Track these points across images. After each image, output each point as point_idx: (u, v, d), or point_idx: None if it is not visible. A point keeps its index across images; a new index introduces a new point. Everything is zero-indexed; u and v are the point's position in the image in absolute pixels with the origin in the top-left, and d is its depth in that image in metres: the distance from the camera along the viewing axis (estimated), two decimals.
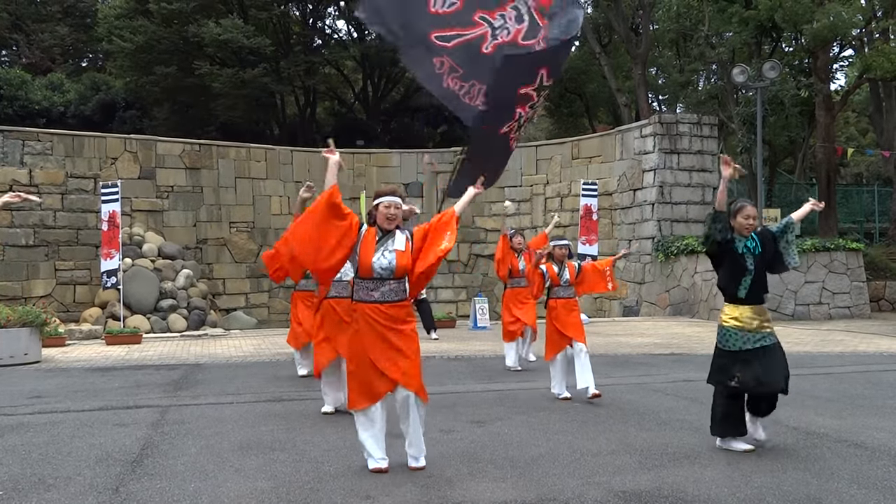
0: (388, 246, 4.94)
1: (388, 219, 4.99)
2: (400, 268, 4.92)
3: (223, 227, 21.00)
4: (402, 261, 4.93)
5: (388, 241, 4.97)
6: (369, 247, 4.92)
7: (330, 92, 31.48)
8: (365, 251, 4.92)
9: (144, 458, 5.49)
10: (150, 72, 25.47)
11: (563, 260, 7.95)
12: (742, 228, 5.55)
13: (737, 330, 5.49)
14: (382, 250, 4.92)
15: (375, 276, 4.90)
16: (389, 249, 4.93)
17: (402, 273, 4.96)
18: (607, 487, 4.66)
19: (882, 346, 12.35)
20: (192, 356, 11.79)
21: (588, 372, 7.49)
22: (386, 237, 4.98)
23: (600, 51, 27.94)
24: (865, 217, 26.52)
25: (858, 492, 4.56)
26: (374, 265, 4.88)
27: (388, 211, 4.98)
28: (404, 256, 4.94)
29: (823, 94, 22.13)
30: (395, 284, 4.95)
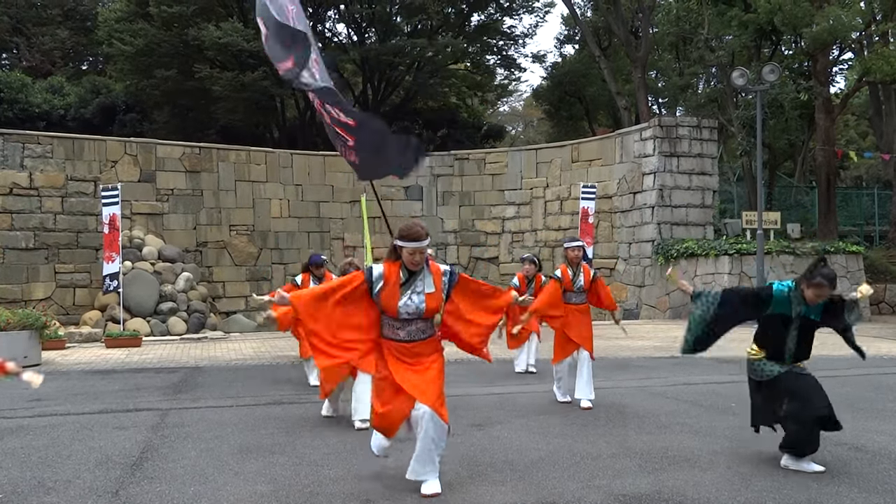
0: (416, 287, 4.65)
1: (414, 263, 4.65)
2: (430, 310, 4.66)
3: (223, 230, 21.00)
4: (432, 303, 4.66)
5: (416, 282, 4.66)
6: (393, 290, 4.62)
7: None
8: (389, 295, 4.62)
9: (144, 461, 5.48)
10: (150, 75, 25.48)
11: (579, 262, 7.72)
12: (809, 300, 5.03)
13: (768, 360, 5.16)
14: (410, 293, 4.63)
15: (402, 317, 4.65)
16: (418, 292, 4.64)
17: (432, 315, 4.71)
18: (607, 491, 4.65)
19: (882, 349, 12.35)
20: (191, 359, 11.79)
21: (587, 383, 7.43)
22: (413, 278, 4.66)
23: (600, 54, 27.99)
24: (865, 220, 26.52)
25: (859, 495, 4.55)
26: (400, 309, 4.61)
27: (414, 258, 4.62)
28: (434, 299, 4.66)
29: (823, 97, 22.16)
30: (422, 324, 4.71)
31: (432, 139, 30.82)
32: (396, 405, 4.67)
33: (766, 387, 5.22)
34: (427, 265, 4.74)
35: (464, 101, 34.34)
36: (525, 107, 49.86)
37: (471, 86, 32.88)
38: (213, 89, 24.54)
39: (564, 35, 36.85)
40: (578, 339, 7.56)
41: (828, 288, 4.93)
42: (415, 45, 26.96)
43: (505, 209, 23.13)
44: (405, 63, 28.33)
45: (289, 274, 21.74)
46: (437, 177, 23.55)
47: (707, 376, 9.57)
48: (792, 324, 5.05)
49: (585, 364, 7.47)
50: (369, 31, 29.97)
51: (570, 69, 33.51)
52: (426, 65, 28.57)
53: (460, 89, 32.70)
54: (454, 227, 23.30)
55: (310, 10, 28.80)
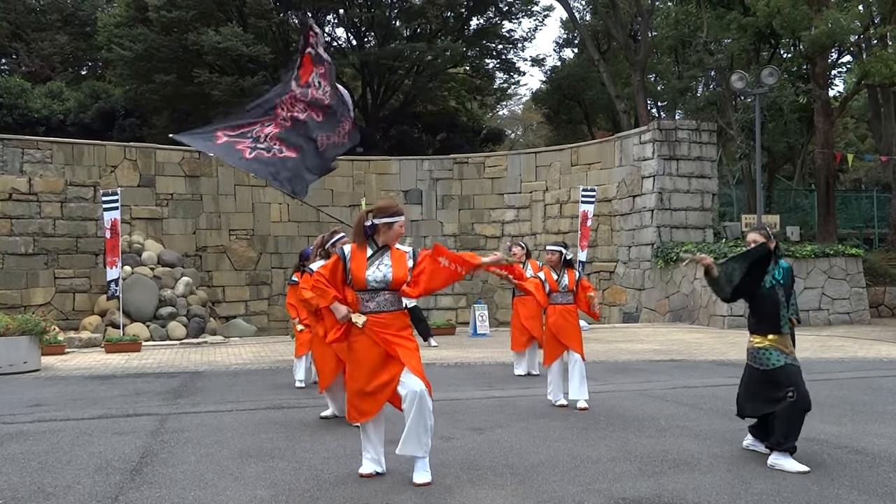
0: (384, 260, 5.01)
1: (398, 236, 5.09)
2: (396, 280, 4.97)
3: (223, 234, 21.01)
4: (399, 273, 4.98)
5: (384, 255, 5.03)
6: (361, 262, 4.99)
7: None
8: (357, 267, 4.99)
9: (144, 466, 5.48)
10: (149, 80, 25.52)
11: (559, 265, 7.80)
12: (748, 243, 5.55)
13: (774, 349, 5.37)
14: (378, 264, 4.99)
15: (370, 287, 4.97)
16: (385, 263, 5.00)
17: (398, 285, 5.01)
18: (607, 494, 4.65)
19: (882, 351, 12.35)
20: (191, 364, 11.78)
21: (579, 383, 7.44)
22: (381, 252, 5.04)
23: (599, 58, 28.04)
24: (864, 223, 26.56)
25: (859, 498, 4.55)
26: (367, 278, 4.95)
27: (400, 231, 5.08)
28: (399, 269, 4.99)
29: (822, 100, 22.18)
30: (389, 295, 5.00)
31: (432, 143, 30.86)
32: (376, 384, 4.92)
33: (765, 376, 5.38)
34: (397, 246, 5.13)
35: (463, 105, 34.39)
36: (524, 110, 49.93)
37: (470, 89, 32.95)
38: (213, 94, 24.57)
39: (563, 39, 36.94)
40: (567, 341, 7.59)
41: (760, 233, 5.50)
42: (414, 49, 27.01)
43: (504, 213, 23.15)
44: (404, 67, 28.38)
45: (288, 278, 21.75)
46: (436, 181, 23.57)
47: (707, 379, 9.58)
48: (777, 290, 5.45)
49: (577, 366, 7.48)
50: (368, 35, 30.03)
51: (569, 73, 33.57)
52: (425, 69, 28.62)
53: (459, 93, 32.76)
54: (453, 231, 23.31)
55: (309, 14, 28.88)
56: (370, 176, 23.21)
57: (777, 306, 5.43)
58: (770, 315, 5.44)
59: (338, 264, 5.06)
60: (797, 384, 5.26)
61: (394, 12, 28.69)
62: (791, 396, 5.22)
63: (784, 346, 5.40)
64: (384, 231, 5.03)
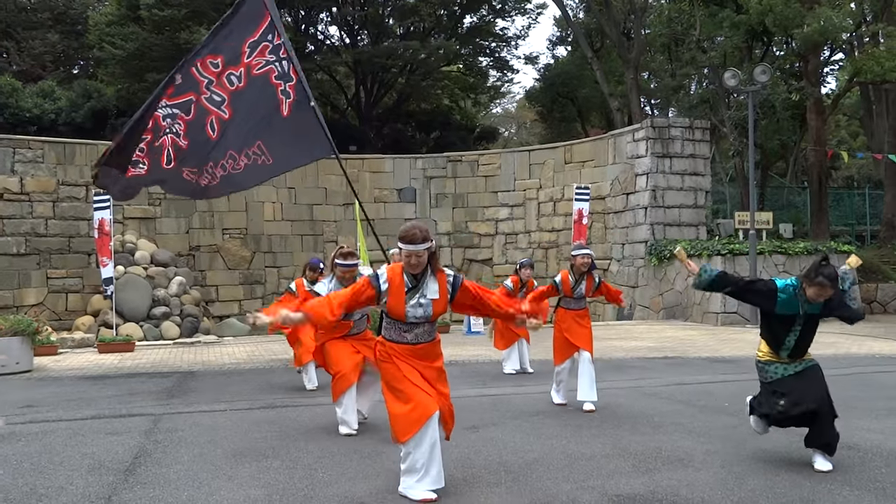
0: (423, 292, 4.65)
1: (410, 266, 4.63)
2: (436, 314, 4.70)
3: (216, 233, 20.97)
4: (438, 308, 4.69)
5: (422, 286, 4.65)
6: (399, 294, 4.62)
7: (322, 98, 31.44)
8: (395, 300, 4.62)
9: (137, 466, 5.47)
10: (141, 79, 25.42)
11: (584, 271, 7.58)
12: (811, 298, 5.07)
13: (773, 362, 5.25)
14: (418, 297, 4.64)
15: (409, 321, 4.65)
16: (424, 296, 4.65)
17: (437, 318, 4.75)
18: (601, 491, 4.66)
19: (874, 347, 12.40)
20: (185, 364, 11.75)
21: (590, 384, 7.38)
22: (419, 283, 4.65)
23: (592, 55, 28.04)
24: (857, 220, 26.65)
25: (851, 493, 4.57)
26: (408, 314, 4.63)
27: (410, 260, 4.59)
28: (439, 304, 4.68)
29: (814, 97, 22.25)
30: (428, 326, 4.72)
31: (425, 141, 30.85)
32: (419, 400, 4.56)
33: (770, 386, 5.27)
34: (432, 271, 4.70)
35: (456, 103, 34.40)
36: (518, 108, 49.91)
37: (463, 88, 32.94)
38: None
39: (557, 37, 36.97)
40: (578, 341, 7.52)
41: (829, 288, 4.95)
42: (407, 47, 26.99)
43: (498, 211, 23.16)
44: (398, 65, 28.36)
45: (283, 277, 21.74)
46: (430, 179, 23.57)
47: (700, 376, 9.60)
48: (796, 322, 5.12)
49: (587, 365, 7.44)
50: (362, 33, 30.00)
51: (562, 71, 33.59)
52: (419, 67, 28.60)
53: (453, 91, 32.75)
54: (447, 229, 23.31)
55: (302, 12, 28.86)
56: (364, 174, 23.19)
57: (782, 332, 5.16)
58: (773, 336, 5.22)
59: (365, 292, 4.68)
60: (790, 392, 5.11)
61: (387, 10, 28.66)
62: (781, 408, 5.10)
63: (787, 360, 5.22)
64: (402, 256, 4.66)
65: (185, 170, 9.28)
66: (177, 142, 9.25)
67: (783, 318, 5.12)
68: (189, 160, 9.26)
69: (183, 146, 9.25)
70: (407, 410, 4.54)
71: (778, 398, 5.16)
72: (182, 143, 9.24)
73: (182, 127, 9.18)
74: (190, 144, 9.27)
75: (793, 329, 5.14)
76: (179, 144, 9.26)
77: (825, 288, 4.95)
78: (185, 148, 9.25)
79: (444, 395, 4.71)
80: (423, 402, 4.54)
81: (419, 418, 4.50)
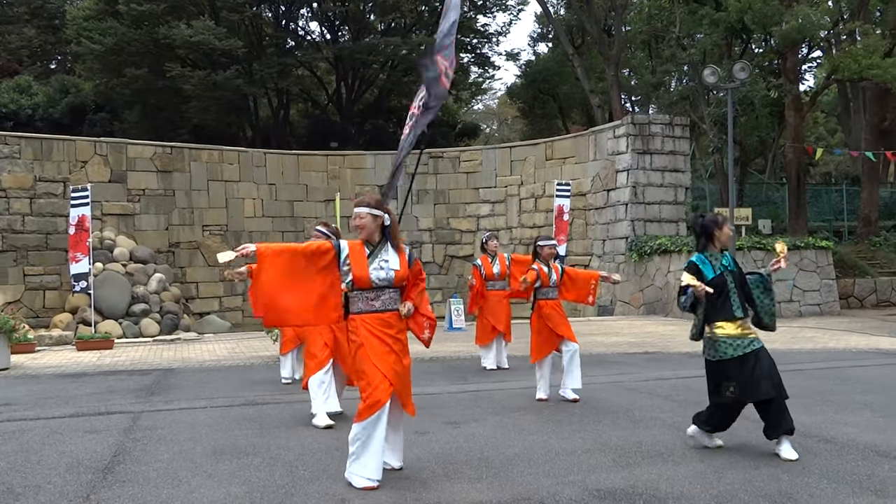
0: (382, 257, 4.86)
1: (357, 227, 4.92)
2: (398, 278, 4.86)
3: (196, 230, 20.83)
4: (401, 272, 4.87)
5: (380, 252, 4.87)
6: (361, 259, 4.82)
7: (303, 94, 31.36)
8: (359, 265, 4.81)
9: (116, 464, 5.42)
10: (120, 74, 25.19)
11: (550, 260, 7.80)
12: (728, 240, 5.63)
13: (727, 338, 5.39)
14: (378, 261, 4.84)
15: (374, 284, 4.82)
16: (385, 260, 4.86)
17: (399, 283, 4.90)
18: (582, 486, 4.68)
19: (851, 342, 12.54)
20: (164, 361, 11.68)
21: (578, 372, 7.55)
22: (377, 249, 4.87)
23: (573, 52, 28.11)
24: (834, 216, 26.93)
25: (828, 486, 4.62)
26: (371, 275, 4.80)
27: (353, 222, 4.92)
28: (401, 272, 4.87)
29: (793, 94, 22.44)
30: (393, 293, 4.89)
31: None
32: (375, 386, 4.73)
33: (718, 367, 5.42)
34: (392, 245, 4.92)
35: None
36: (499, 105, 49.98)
37: None
38: (185, 88, 24.32)
39: (538, 33, 37.04)
40: (563, 331, 7.57)
41: (715, 225, 5.53)
42: (388, 43, 26.91)
43: (479, 207, 23.17)
44: (379, 61, 28.29)
45: None
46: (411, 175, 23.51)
47: (680, 371, 9.67)
48: (726, 280, 5.46)
49: (575, 354, 7.56)
50: (342, 29, 29.87)
51: (543, 67, 33.66)
52: (400, 63, 28.54)
53: None
54: (429, 226, 23.30)
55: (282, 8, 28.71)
56: (345, 171, 23.12)
57: (723, 295, 5.44)
58: (721, 303, 5.46)
59: (323, 245, 4.88)
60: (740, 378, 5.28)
61: (368, 6, 28.55)
62: (730, 394, 5.31)
63: (736, 332, 5.41)
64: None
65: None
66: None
67: (715, 284, 5.42)
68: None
69: None
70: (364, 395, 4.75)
71: (728, 383, 5.32)
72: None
73: None
74: None
75: (728, 287, 5.45)
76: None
77: (724, 222, 5.59)
78: None
79: (406, 368, 4.92)
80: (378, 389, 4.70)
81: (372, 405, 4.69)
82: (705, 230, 5.55)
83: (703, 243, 5.57)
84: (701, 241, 5.60)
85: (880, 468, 5.00)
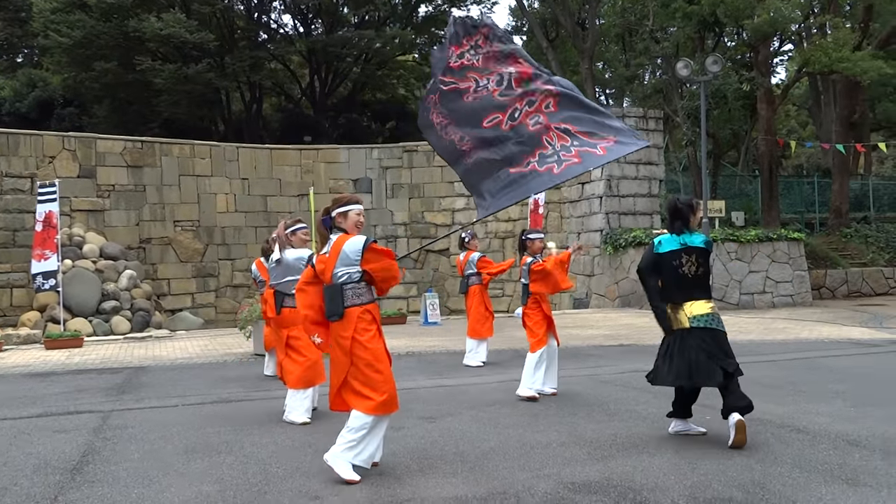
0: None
1: (356, 226, 4.91)
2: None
3: (167, 226, 20.61)
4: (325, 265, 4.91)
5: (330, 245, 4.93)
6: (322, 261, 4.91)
7: (276, 87, 31.13)
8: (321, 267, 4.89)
9: (85, 465, 5.34)
10: (89, 68, 24.84)
11: (540, 253, 7.73)
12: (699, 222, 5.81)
13: (679, 314, 5.60)
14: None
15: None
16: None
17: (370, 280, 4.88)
18: (557, 479, 4.68)
19: (823, 332, 12.70)
20: (135, 359, 11.54)
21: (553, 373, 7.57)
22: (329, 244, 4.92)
23: (547, 45, 28.18)
24: (806, 207, 27.23)
25: (801, 475, 4.67)
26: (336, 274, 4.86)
27: (360, 218, 4.94)
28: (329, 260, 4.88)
29: (765, 87, 22.67)
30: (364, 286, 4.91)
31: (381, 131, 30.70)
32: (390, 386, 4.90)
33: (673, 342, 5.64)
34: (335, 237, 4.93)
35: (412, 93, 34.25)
36: None
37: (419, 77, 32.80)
38: (155, 82, 24.05)
39: (512, 26, 37.01)
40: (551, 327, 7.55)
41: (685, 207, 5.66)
42: (362, 36, 26.80)
43: (455, 201, 23.16)
44: (352, 55, 28.14)
45: (236, 270, 21.49)
46: (385, 169, 23.46)
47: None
48: (682, 254, 5.57)
49: (554, 355, 7.56)
50: (316, 22, 29.70)
51: None
52: (374, 56, 28.42)
53: (409, 81, 32.62)
54: (404, 220, 23.25)
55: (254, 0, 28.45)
56: (319, 165, 22.98)
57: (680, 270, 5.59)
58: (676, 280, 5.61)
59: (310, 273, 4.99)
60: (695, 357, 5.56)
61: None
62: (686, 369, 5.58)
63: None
64: (340, 221, 4.90)
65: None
66: None
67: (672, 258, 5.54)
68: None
69: None
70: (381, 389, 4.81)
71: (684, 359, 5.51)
72: None
73: None
74: None
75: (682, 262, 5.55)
76: None
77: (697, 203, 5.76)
78: None
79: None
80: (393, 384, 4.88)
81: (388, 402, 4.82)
82: (680, 213, 5.65)
83: (679, 226, 5.65)
84: (676, 224, 5.66)
85: (851, 457, 5.06)
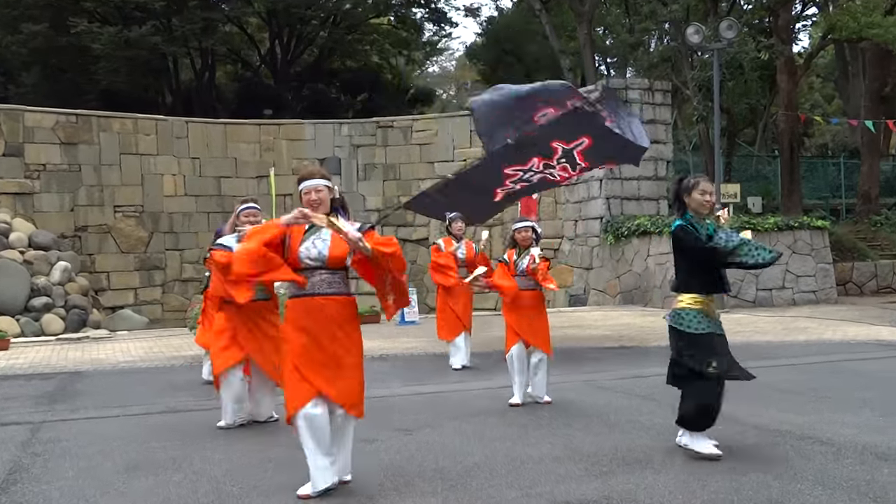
0: (321, 235, 4.87)
1: (311, 206, 4.86)
2: (333, 258, 4.85)
3: (106, 211, 20.48)
4: (336, 251, 4.85)
5: (321, 230, 4.87)
6: (297, 236, 4.88)
7: (232, 54, 30.95)
8: (293, 241, 4.87)
9: (11, 484, 5.32)
10: (15, 30, 24.59)
11: (529, 245, 7.52)
12: (700, 206, 5.50)
13: (701, 313, 5.50)
14: (313, 238, 4.87)
15: (303, 265, 4.84)
16: (322, 238, 4.87)
17: (336, 264, 4.88)
18: (550, 498, 4.70)
19: (849, 333, 12.81)
20: (70, 363, 11.50)
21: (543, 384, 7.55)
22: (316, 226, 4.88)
23: (541, 8, 28.16)
24: (831, 192, 27.44)
25: (823, 493, 4.70)
26: (301, 254, 4.84)
27: (310, 197, 4.88)
28: (338, 246, 4.85)
29: (785, 56, 22.76)
30: (327, 275, 4.88)
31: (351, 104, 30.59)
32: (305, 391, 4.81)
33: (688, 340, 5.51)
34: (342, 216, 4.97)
35: (387, 61, 34.19)
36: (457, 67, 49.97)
37: (395, 43, 32.75)
38: (93, 47, 23.86)
39: None
40: (532, 339, 7.42)
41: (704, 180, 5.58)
42: None
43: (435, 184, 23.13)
44: (319, 17, 28.03)
45: (186, 262, 21.38)
46: (356, 147, 23.40)
47: (660, 368, 9.71)
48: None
49: (543, 366, 7.49)
50: None
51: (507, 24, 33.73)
52: (343, 19, 28.33)
53: (383, 47, 32.53)
54: (377, 205, 23.21)
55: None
56: (280, 142, 22.89)
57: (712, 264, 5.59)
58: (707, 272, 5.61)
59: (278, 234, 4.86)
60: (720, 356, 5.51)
61: None
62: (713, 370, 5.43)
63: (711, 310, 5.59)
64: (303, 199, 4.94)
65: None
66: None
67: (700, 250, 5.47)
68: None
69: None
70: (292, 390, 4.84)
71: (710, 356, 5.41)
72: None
73: None
74: None
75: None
76: None
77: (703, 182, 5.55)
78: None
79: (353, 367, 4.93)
80: (299, 392, 4.80)
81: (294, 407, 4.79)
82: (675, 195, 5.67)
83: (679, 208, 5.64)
84: (675, 206, 5.70)
85: (880, 472, 5.10)
